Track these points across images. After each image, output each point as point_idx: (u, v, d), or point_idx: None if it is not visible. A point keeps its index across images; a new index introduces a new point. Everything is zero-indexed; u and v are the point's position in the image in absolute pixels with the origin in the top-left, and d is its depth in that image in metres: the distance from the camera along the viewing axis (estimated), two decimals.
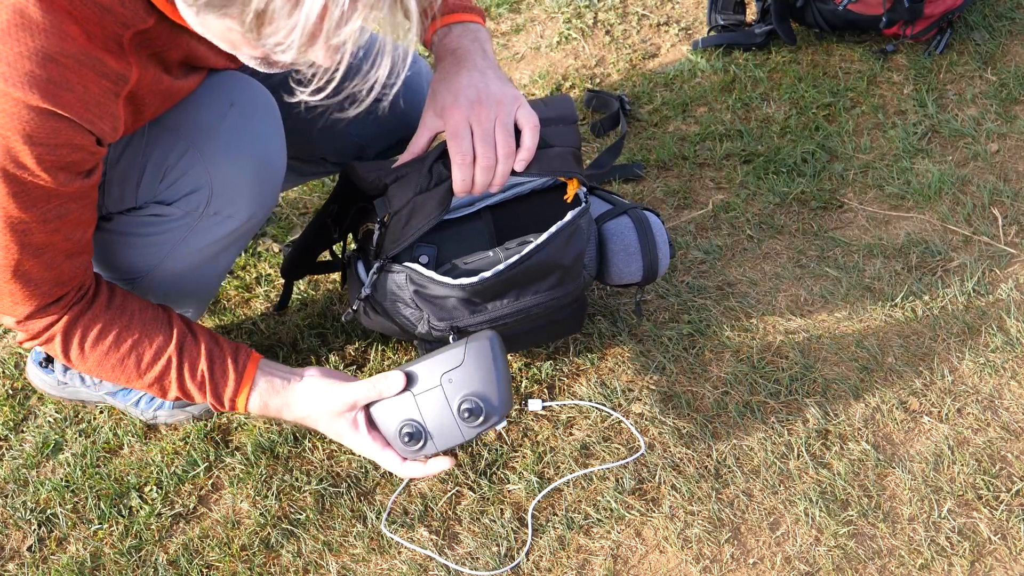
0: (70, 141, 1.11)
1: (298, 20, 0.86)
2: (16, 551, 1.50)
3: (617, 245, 1.50)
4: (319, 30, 0.88)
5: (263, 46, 0.95)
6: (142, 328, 1.31)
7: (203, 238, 1.38)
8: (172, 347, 1.31)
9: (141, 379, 1.32)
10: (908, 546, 1.41)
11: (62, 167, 1.12)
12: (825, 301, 1.74)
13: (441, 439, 1.31)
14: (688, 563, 1.42)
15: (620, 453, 1.54)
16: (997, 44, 2.20)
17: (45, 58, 1.04)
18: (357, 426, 1.33)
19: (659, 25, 2.38)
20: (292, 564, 1.45)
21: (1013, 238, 1.82)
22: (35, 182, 1.11)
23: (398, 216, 1.39)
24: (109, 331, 1.30)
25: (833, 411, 1.57)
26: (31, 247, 1.18)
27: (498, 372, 1.29)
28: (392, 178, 1.41)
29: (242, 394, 1.33)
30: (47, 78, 1.05)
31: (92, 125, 1.11)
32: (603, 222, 1.51)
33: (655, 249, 1.50)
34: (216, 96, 1.33)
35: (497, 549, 1.45)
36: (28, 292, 1.23)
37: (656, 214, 1.55)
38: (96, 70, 1.10)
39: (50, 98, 1.06)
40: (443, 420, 1.30)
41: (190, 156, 1.32)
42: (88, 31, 1.07)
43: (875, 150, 2.01)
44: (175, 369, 1.31)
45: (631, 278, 1.52)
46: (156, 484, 1.56)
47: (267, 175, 1.39)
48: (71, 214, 1.19)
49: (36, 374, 1.67)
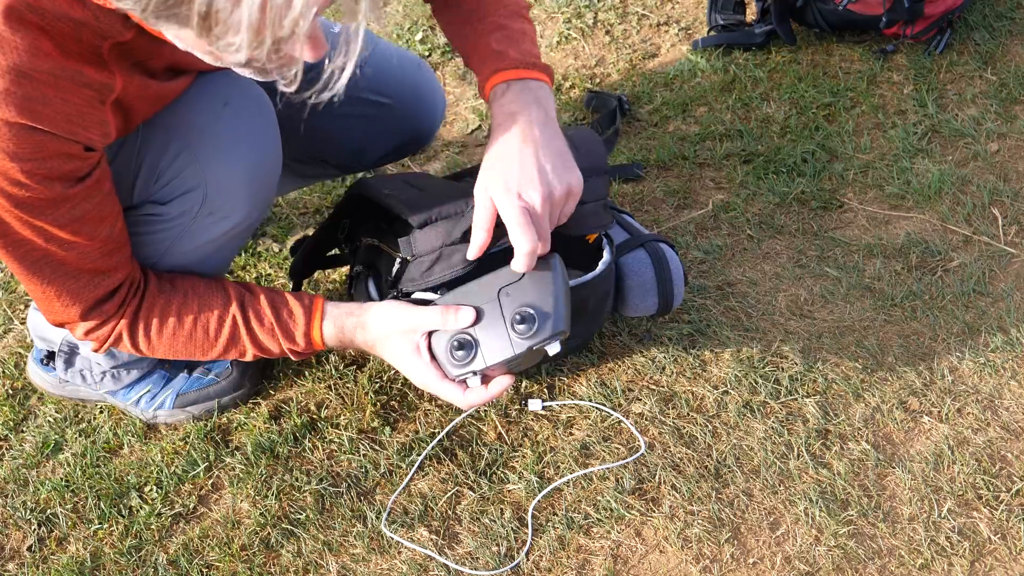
0: (57, 152, 1.11)
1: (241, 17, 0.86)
2: (16, 551, 1.50)
3: (633, 280, 1.52)
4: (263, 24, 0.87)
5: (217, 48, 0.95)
6: (199, 299, 1.33)
7: (199, 237, 1.38)
8: (234, 306, 1.33)
9: (215, 346, 1.35)
10: (908, 546, 1.41)
11: (56, 178, 1.13)
12: (825, 301, 1.74)
13: (491, 351, 1.25)
14: (688, 563, 1.42)
15: (620, 453, 1.54)
16: (997, 44, 2.21)
17: (18, 75, 1.04)
18: (420, 352, 1.30)
19: (659, 25, 2.38)
20: (292, 564, 1.45)
21: (1013, 238, 1.82)
22: (34, 196, 1.12)
23: (421, 260, 1.38)
24: (168, 311, 1.32)
25: (833, 411, 1.58)
26: (57, 243, 1.19)
27: (557, 288, 1.25)
28: (420, 222, 1.36)
29: (315, 324, 1.34)
30: (22, 94, 1.05)
31: (76, 136, 1.11)
32: (620, 255, 1.52)
33: (670, 285, 1.52)
34: (210, 96, 1.33)
35: (497, 549, 1.45)
36: (72, 288, 1.25)
37: (671, 245, 1.56)
38: (75, 81, 1.09)
39: (27, 113, 1.06)
40: (494, 331, 1.25)
41: (184, 157, 1.31)
42: (62, 46, 1.06)
43: (875, 150, 2.01)
44: (243, 325, 1.33)
45: (646, 312, 1.55)
46: (156, 484, 1.56)
47: (262, 174, 1.39)
48: (87, 214, 1.19)
49: (37, 373, 1.67)
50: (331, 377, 1.67)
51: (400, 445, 1.57)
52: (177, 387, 1.62)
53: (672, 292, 1.53)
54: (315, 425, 1.61)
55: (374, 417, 1.61)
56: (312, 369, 1.69)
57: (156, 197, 1.34)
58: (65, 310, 1.28)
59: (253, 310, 1.35)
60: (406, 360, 1.33)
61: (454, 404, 1.33)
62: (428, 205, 1.38)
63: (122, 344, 1.34)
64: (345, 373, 1.67)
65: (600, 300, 1.49)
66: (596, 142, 1.50)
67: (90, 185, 1.18)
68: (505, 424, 1.59)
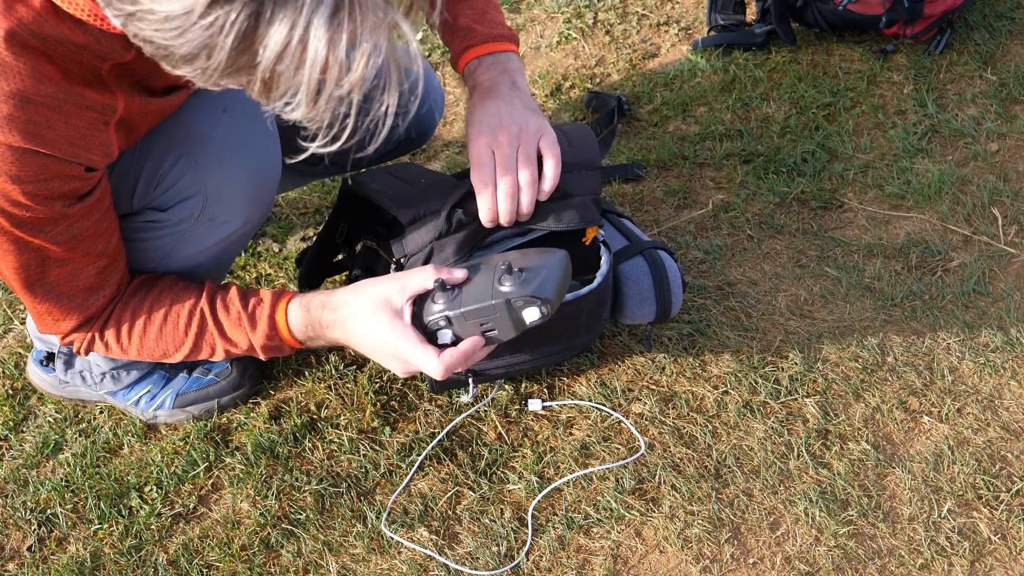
0: (59, 174, 1.11)
1: (302, 78, 0.86)
2: (16, 551, 1.50)
3: (631, 288, 1.52)
4: (324, 84, 0.88)
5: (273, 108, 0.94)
6: (172, 295, 1.33)
7: (199, 243, 1.38)
8: (203, 300, 1.33)
9: (186, 340, 1.33)
10: (908, 546, 1.41)
11: (57, 198, 1.14)
12: (825, 301, 1.74)
13: (469, 297, 1.22)
14: (688, 563, 1.42)
15: (620, 453, 1.54)
16: (997, 44, 2.20)
17: (22, 100, 1.04)
18: (403, 316, 1.25)
19: (659, 25, 2.38)
20: (292, 564, 1.45)
21: (1013, 238, 1.82)
22: (34, 216, 1.13)
23: (414, 259, 1.39)
24: (140, 309, 1.32)
25: (833, 411, 1.58)
26: (53, 261, 1.20)
27: (554, 265, 1.24)
28: (409, 219, 1.40)
29: (280, 306, 1.31)
30: (26, 119, 1.05)
31: (79, 158, 1.12)
32: (618, 262, 1.52)
33: (669, 293, 1.52)
34: (209, 102, 1.33)
35: (497, 549, 1.45)
36: (66, 307, 1.26)
37: (670, 252, 1.56)
38: (78, 104, 1.09)
39: (32, 138, 1.06)
40: (480, 282, 1.23)
41: (184, 163, 1.32)
42: (65, 69, 1.06)
43: (875, 150, 2.01)
44: (210, 317, 1.32)
45: (644, 319, 1.55)
46: (156, 484, 1.56)
47: (261, 180, 1.39)
48: (85, 232, 1.20)
49: (36, 373, 1.67)
50: (331, 377, 1.67)
51: (400, 445, 1.57)
52: (177, 387, 1.62)
53: (670, 300, 1.52)
54: (315, 425, 1.61)
55: (374, 417, 1.61)
56: (312, 369, 1.69)
57: (156, 203, 1.34)
58: (56, 324, 1.30)
59: (222, 301, 1.33)
60: (383, 330, 1.25)
61: (430, 374, 1.25)
62: (415, 201, 1.39)
63: (97, 347, 1.34)
64: (345, 373, 1.67)
65: (596, 308, 1.49)
66: (589, 137, 1.51)
67: (90, 204, 1.19)
68: (505, 424, 1.59)
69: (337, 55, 0.83)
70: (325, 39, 0.82)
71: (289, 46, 0.83)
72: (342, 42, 0.83)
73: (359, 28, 0.83)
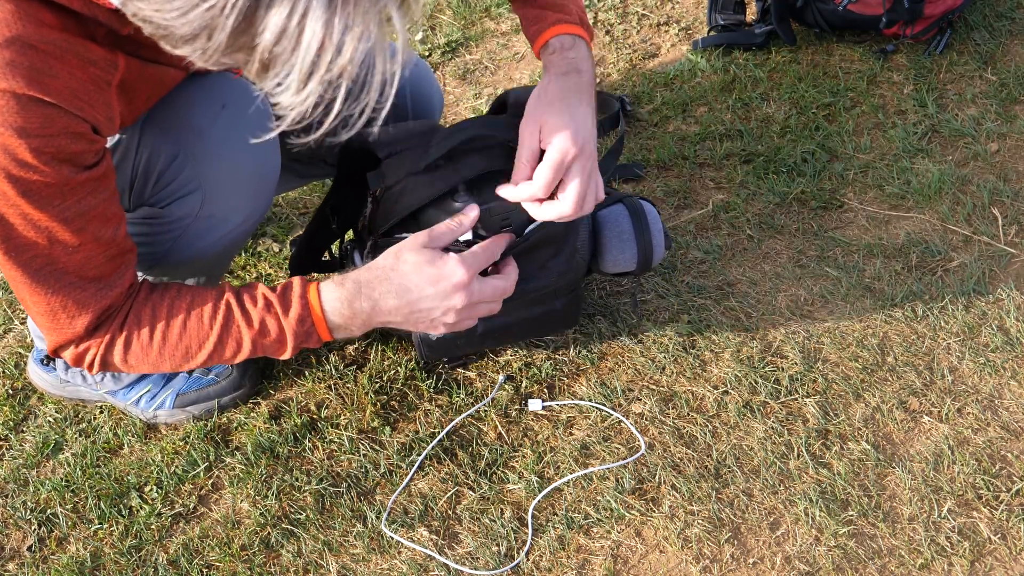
0: (65, 129, 1.08)
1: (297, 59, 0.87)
2: (16, 551, 1.51)
3: (611, 231, 1.50)
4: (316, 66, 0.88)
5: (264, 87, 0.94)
6: (192, 292, 1.27)
7: (198, 240, 1.37)
8: (228, 294, 1.27)
9: (211, 335, 1.26)
10: (908, 546, 1.41)
11: (63, 159, 1.10)
12: (825, 301, 1.74)
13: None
14: (688, 563, 1.42)
15: (620, 453, 1.54)
16: (997, 44, 2.21)
17: (23, 45, 1.02)
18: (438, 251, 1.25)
19: (659, 25, 2.38)
20: (292, 564, 1.45)
21: (1013, 238, 1.82)
22: (40, 179, 1.09)
23: (391, 192, 1.37)
24: (160, 306, 1.26)
25: (833, 411, 1.58)
26: (62, 246, 1.16)
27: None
28: (386, 152, 1.38)
29: (312, 287, 1.26)
30: (29, 65, 1.03)
31: (84, 112, 1.09)
32: (597, 209, 1.50)
33: (650, 236, 1.50)
34: (208, 98, 1.32)
35: (497, 549, 1.45)
36: (79, 299, 1.20)
37: (652, 204, 1.55)
38: (81, 57, 1.07)
39: (35, 84, 1.04)
40: None
41: (181, 160, 1.31)
42: (64, 22, 1.05)
43: (875, 150, 2.01)
44: (237, 307, 1.26)
45: (625, 266, 1.52)
46: (156, 484, 1.56)
47: (260, 177, 1.38)
48: (93, 210, 1.16)
49: (37, 373, 1.67)
50: (331, 377, 1.67)
51: (400, 445, 1.57)
52: (177, 387, 1.62)
53: (652, 244, 1.50)
54: (315, 425, 1.61)
55: (374, 417, 1.61)
56: (312, 369, 1.69)
57: (155, 200, 1.34)
58: (71, 322, 1.23)
59: (248, 293, 1.28)
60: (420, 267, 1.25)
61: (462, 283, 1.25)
62: (398, 139, 1.38)
63: (113, 351, 1.26)
64: (345, 373, 1.67)
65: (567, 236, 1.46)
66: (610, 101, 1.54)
67: (97, 176, 1.15)
68: (505, 424, 1.59)
69: (332, 37, 0.84)
70: (322, 20, 0.82)
71: (288, 26, 0.83)
72: (337, 24, 0.83)
73: (353, 11, 0.83)
